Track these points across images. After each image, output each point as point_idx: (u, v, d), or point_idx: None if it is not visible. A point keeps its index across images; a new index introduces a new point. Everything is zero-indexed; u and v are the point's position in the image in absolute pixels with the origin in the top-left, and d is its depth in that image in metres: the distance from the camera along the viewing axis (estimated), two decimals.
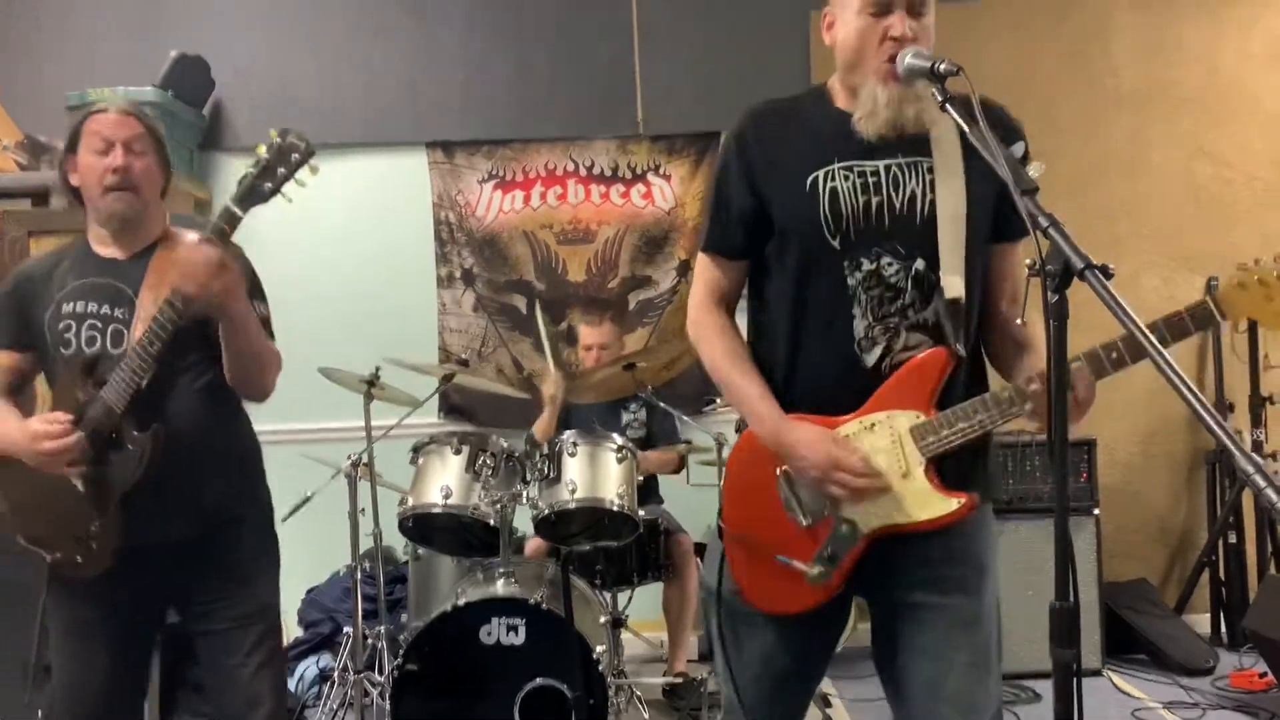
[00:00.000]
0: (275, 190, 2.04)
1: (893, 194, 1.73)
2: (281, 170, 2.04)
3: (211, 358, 2.17)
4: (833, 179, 1.73)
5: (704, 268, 1.89)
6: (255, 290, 2.28)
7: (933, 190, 1.72)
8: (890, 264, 1.72)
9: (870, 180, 1.73)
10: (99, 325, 2.14)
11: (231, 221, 2.03)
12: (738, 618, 1.86)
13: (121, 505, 2.09)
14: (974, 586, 1.77)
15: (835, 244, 1.73)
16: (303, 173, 2.06)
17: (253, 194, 2.03)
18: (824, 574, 1.74)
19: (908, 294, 1.72)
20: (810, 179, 1.74)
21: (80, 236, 2.25)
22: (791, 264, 1.77)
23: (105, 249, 2.21)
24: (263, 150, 2.05)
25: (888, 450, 1.71)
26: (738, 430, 1.90)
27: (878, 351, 1.73)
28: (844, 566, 1.74)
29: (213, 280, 1.99)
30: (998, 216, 1.76)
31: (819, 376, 1.77)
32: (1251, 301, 1.59)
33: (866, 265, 1.72)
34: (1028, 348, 1.77)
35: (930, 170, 1.73)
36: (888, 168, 1.73)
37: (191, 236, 2.13)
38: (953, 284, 1.70)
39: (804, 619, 1.80)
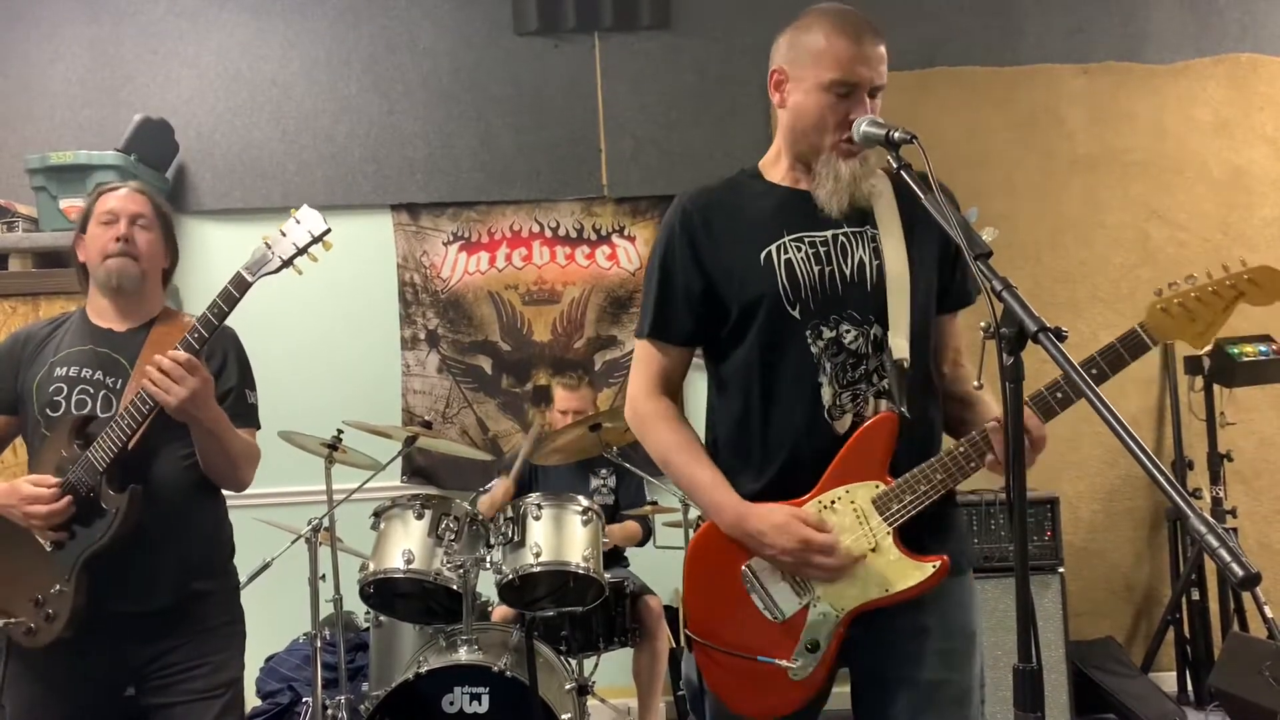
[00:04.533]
0: (287, 263, 2.08)
1: (842, 262, 1.74)
2: (295, 244, 2.08)
3: None
4: (786, 251, 1.75)
5: (645, 355, 1.85)
6: (244, 378, 2.30)
7: (879, 256, 1.74)
8: (849, 331, 1.73)
9: (821, 250, 1.74)
10: (90, 390, 2.15)
11: (241, 287, 2.07)
12: (724, 719, 1.79)
13: (90, 571, 2.06)
14: (965, 659, 1.75)
15: (795, 314, 1.73)
16: (316, 248, 2.10)
17: (265, 264, 2.08)
18: (807, 666, 1.68)
19: (869, 360, 1.73)
20: (764, 253, 1.75)
21: (80, 308, 2.28)
22: (753, 338, 1.75)
23: (103, 321, 2.23)
24: (281, 226, 2.10)
25: (852, 527, 1.68)
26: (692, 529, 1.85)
27: (848, 420, 1.72)
28: (828, 656, 1.69)
29: (173, 388, 2.00)
30: (940, 285, 1.80)
31: (793, 445, 1.73)
32: (1176, 325, 1.66)
33: (827, 333, 1.72)
34: (972, 404, 1.79)
35: (874, 238, 1.75)
36: (835, 237, 1.76)
37: (188, 318, 2.17)
38: (898, 346, 1.72)
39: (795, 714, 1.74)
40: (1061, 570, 3.80)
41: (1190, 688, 4.20)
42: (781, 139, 1.82)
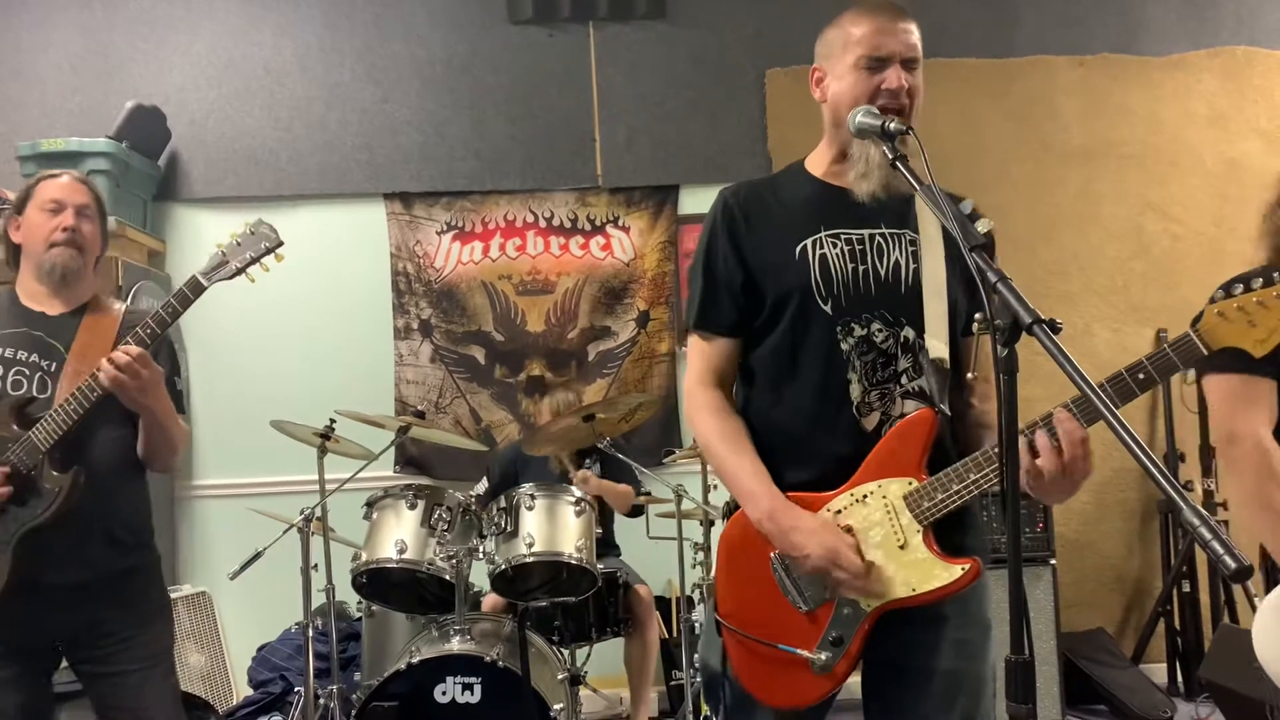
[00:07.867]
0: (240, 270, 2.21)
1: (877, 262, 1.74)
2: (250, 254, 2.20)
3: (133, 415, 2.26)
4: (821, 246, 1.75)
5: (696, 348, 1.86)
6: (173, 366, 2.40)
7: (916, 261, 1.74)
8: (880, 330, 1.72)
9: (857, 248, 1.75)
10: (25, 372, 2.23)
11: (195, 290, 2.18)
12: (743, 704, 1.77)
13: (25, 545, 2.13)
14: (981, 650, 1.75)
15: (827, 309, 1.73)
16: (268, 259, 2.22)
17: (220, 270, 2.21)
18: (831, 660, 1.66)
19: (900, 360, 1.72)
20: (800, 247, 1.75)
21: (8, 289, 2.33)
22: (784, 331, 1.76)
23: (35, 304, 2.29)
24: (235, 235, 2.22)
25: (882, 522, 1.67)
26: (725, 516, 1.83)
27: (876, 417, 1.71)
28: (851, 650, 1.67)
29: (128, 382, 2.11)
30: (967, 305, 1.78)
31: (819, 440, 1.73)
32: (1234, 330, 1.56)
33: (858, 330, 1.72)
34: (989, 428, 1.76)
35: (913, 243, 1.75)
36: (871, 236, 1.76)
37: (118, 306, 2.31)
38: (935, 346, 1.71)
39: (812, 708, 1.73)
40: (1053, 562, 3.81)
41: (1180, 679, 4.23)
42: (826, 133, 1.83)
